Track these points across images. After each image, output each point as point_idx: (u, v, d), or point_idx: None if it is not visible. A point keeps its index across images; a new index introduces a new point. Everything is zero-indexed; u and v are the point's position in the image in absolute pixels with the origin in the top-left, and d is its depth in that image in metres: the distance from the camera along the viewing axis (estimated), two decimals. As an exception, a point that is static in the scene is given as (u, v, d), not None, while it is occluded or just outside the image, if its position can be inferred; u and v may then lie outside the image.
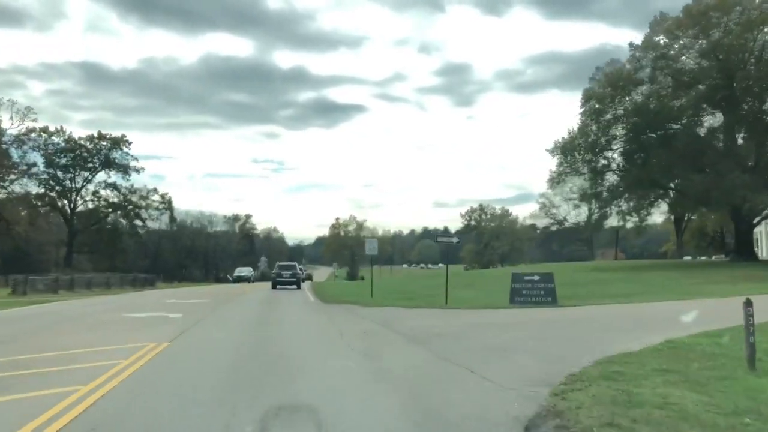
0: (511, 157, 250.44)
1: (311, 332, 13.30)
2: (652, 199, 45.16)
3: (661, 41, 46.63)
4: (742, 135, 44.51)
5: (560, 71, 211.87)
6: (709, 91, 44.12)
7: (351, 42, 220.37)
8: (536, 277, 20.08)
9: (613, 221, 54.90)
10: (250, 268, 67.16)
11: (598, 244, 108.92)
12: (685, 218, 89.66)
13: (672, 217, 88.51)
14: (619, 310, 17.50)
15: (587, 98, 47.17)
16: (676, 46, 46.78)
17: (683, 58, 46.86)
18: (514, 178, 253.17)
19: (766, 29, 43.22)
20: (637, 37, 67.99)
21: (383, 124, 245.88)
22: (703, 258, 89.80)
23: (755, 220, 47.58)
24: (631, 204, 46.48)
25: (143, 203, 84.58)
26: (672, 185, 44.24)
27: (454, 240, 20.99)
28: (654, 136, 45.40)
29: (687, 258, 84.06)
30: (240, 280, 61.01)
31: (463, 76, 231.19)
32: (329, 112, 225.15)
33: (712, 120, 45.94)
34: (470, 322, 14.67)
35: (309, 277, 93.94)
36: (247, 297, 30.15)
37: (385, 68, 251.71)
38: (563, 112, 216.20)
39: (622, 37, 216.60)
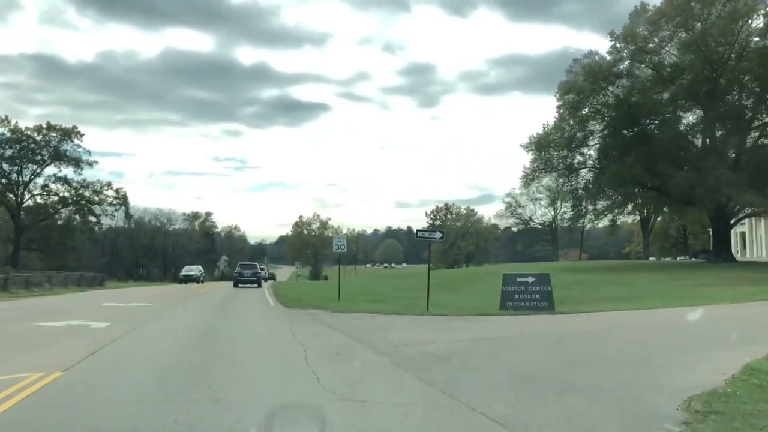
0: (474, 158, 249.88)
1: (267, 351, 10.26)
2: (631, 198, 43.09)
3: (642, 32, 44.74)
4: (722, 131, 42.80)
5: (523, 73, 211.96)
6: (691, 85, 42.37)
7: (315, 40, 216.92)
8: (530, 279, 17.43)
9: (586, 220, 53.11)
10: (200, 267, 59.46)
11: (561, 245, 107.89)
12: (652, 219, 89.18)
13: (638, 218, 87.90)
14: (631, 319, 15.00)
15: (566, 91, 45.00)
16: (656, 38, 44.96)
17: (664, 50, 45.05)
18: (476, 179, 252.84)
19: (750, 22, 41.68)
20: (598, 41, 66.10)
21: (347, 123, 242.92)
22: (667, 259, 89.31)
23: (732, 221, 46.13)
24: (610, 202, 44.45)
25: (96, 198, 80.00)
26: (650, 183, 42.23)
27: (437, 235, 17.98)
28: (634, 131, 43.50)
29: (652, 259, 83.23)
30: (188, 280, 52.96)
31: (427, 76, 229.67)
32: (293, 110, 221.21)
33: (693, 115, 44.24)
34: (467, 335, 11.90)
35: (272, 277, 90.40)
36: (201, 300, 26.92)
37: (349, 67, 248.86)
38: (526, 115, 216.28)
39: (584, 41, 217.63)
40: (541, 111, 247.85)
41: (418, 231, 18.14)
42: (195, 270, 56.97)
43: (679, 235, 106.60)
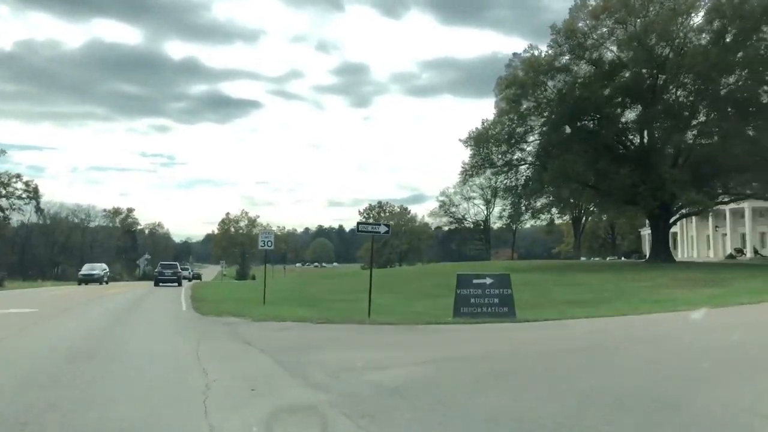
0: (406, 158, 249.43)
1: (152, 389, 7.17)
2: (573, 195, 41.70)
3: (583, 27, 43.53)
4: (663, 129, 41.96)
5: (454, 77, 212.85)
6: (631, 82, 41.36)
7: (247, 36, 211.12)
8: (488, 281, 14.96)
9: (525, 218, 51.69)
10: (104, 266, 52.66)
11: (492, 244, 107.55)
12: (584, 219, 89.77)
13: (569, 218, 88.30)
14: (615, 329, 12.71)
15: (506, 84, 43.29)
16: (595, 35, 43.87)
17: (603, 46, 43.98)
18: (408, 179, 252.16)
19: (689, 19, 41.01)
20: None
21: (279, 121, 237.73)
22: (597, 259, 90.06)
23: (671, 220, 45.57)
24: (551, 199, 42.96)
25: (3, 191, 73.59)
26: (593, 181, 40.95)
27: (381, 229, 15.26)
28: (576, 127, 42.20)
29: (582, 259, 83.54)
30: (88, 280, 45.83)
31: (361, 76, 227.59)
32: (223, 106, 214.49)
33: (634, 113, 43.27)
34: (426, 354, 9.22)
35: (198, 277, 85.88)
36: (101, 304, 23.23)
37: (281, 64, 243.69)
38: (456, 118, 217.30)
39: (514, 46, 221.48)
40: (471, 114, 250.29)
41: (359, 224, 15.32)
42: (98, 269, 50.08)
43: (607, 235, 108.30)
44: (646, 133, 42.40)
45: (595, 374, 7.30)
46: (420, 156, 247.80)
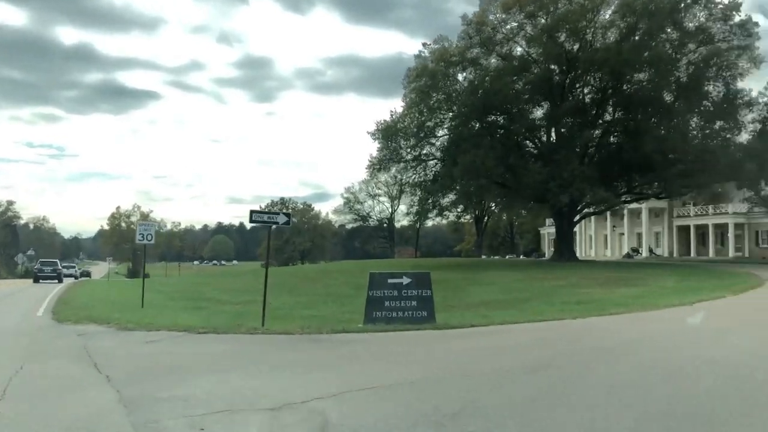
0: (309, 156, 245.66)
1: None
2: (484, 191, 40.62)
3: (493, 20, 42.57)
4: (570, 126, 41.70)
5: (358, 75, 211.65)
6: (541, 78, 40.78)
7: (145, 23, 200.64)
8: (405, 281, 12.81)
9: (433, 214, 50.38)
10: None
11: (395, 242, 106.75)
12: (486, 218, 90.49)
13: (472, 217, 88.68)
14: (558, 334, 10.90)
15: (416, 75, 41.63)
16: (504, 29, 43.08)
17: (513, 41, 43.22)
18: (311, 176, 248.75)
19: (598, 17, 40.87)
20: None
21: (178, 113, 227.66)
22: (497, 257, 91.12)
23: (576, 218, 45.58)
24: (461, 195, 41.67)
25: None
26: (503, 177, 40.01)
27: (281, 219, 12.76)
28: (487, 122, 41.20)
29: (483, 257, 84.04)
30: None
31: (264, 71, 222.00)
32: (118, 96, 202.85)
33: (544, 109, 42.78)
34: (338, 381, 6.86)
35: (86, 274, 79.69)
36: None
37: (181, 55, 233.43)
38: (360, 116, 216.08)
39: (418, 47, 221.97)
40: (376, 114, 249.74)
41: (253, 212, 12.69)
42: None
43: (506, 234, 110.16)
44: (555, 129, 41.98)
45: (571, 412, 5.22)
46: (324, 154, 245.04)
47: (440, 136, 44.35)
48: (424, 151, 44.52)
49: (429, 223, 70.52)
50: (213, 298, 24.35)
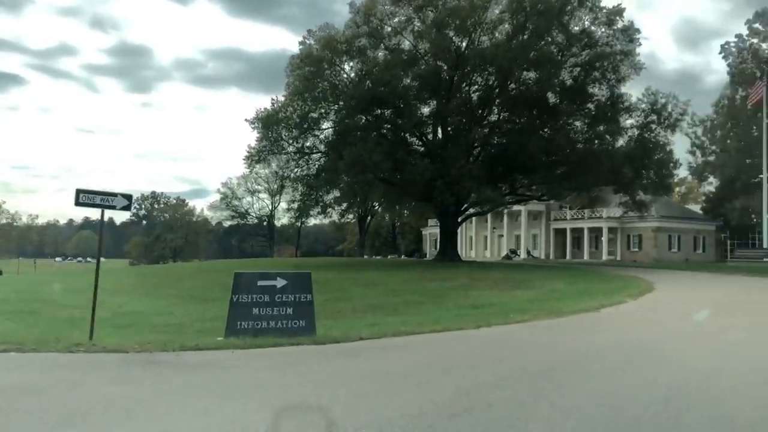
0: (188, 150, 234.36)
1: None
2: (370, 186, 38.63)
3: (382, 10, 40.83)
4: (457, 124, 40.71)
5: (241, 69, 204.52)
6: (428, 73, 39.39)
7: (7, 2, 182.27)
8: (280, 283, 10.33)
9: (315, 212, 47.81)
10: None
11: (275, 241, 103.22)
12: (369, 218, 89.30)
13: (355, 216, 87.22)
14: (470, 349, 8.88)
15: (300, 60, 39.03)
16: (392, 22, 41.51)
17: (402, 35, 41.67)
18: (189, 172, 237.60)
19: (485, 14, 40.14)
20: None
21: (43, 100, 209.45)
22: (378, 257, 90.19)
23: (461, 218, 44.80)
24: (345, 190, 39.44)
25: None
26: (390, 173, 38.27)
27: (117, 203, 9.86)
28: (374, 115, 39.29)
29: (365, 257, 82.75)
30: None
31: (141, 60, 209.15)
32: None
33: (432, 105, 41.47)
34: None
35: None
36: None
37: (49, 38, 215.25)
38: (242, 112, 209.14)
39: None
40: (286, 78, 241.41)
41: (80, 192, 9.76)
42: None
43: (388, 234, 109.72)
44: (443, 127, 40.81)
45: None
46: (204, 149, 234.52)
47: (325, 129, 42.00)
48: (308, 144, 41.98)
49: (311, 222, 67.86)
50: (52, 300, 20.58)
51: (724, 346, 9.44)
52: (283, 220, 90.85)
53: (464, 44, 39.81)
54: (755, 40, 53.92)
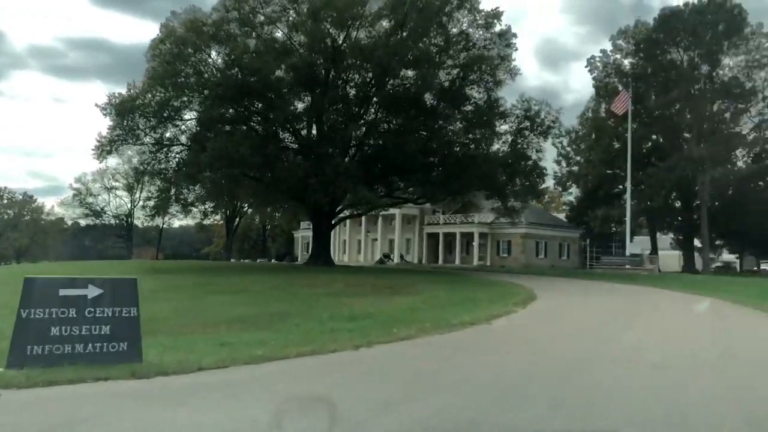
0: (43, 144, 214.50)
1: None
2: (236, 182, 35.49)
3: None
4: (333, 121, 38.59)
5: (106, 61, 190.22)
6: (303, 67, 36.90)
7: None
8: (93, 293, 7.56)
9: (174, 210, 43.86)
10: None
11: (135, 243, 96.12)
12: (237, 219, 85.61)
13: (222, 218, 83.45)
14: (361, 386, 6.64)
15: (163, 39, 35.25)
16: (267, 9, 38.75)
17: (274, 25, 38.97)
18: (44, 167, 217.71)
19: (365, 8, 38.34)
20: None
21: None
22: (247, 261, 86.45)
23: (335, 220, 42.68)
24: (208, 187, 36.02)
25: None
26: (259, 169, 35.39)
27: None
28: (244, 105, 36.25)
29: (232, 260, 78.89)
30: None
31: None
32: None
33: (306, 99, 38.97)
34: None
35: None
36: None
37: None
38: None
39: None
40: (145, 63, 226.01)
41: None
42: None
43: (258, 237, 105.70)
44: (318, 123, 38.46)
45: None
46: (63, 144, 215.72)
47: (188, 120, 38.39)
48: (168, 135, 38.15)
49: (176, 223, 63.02)
50: None
51: (654, 371, 7.91)
52: (141, 218, 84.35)
53: (342, 38, 37.80)
54: (618, 56, 56.32)
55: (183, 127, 38.12)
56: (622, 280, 30.53)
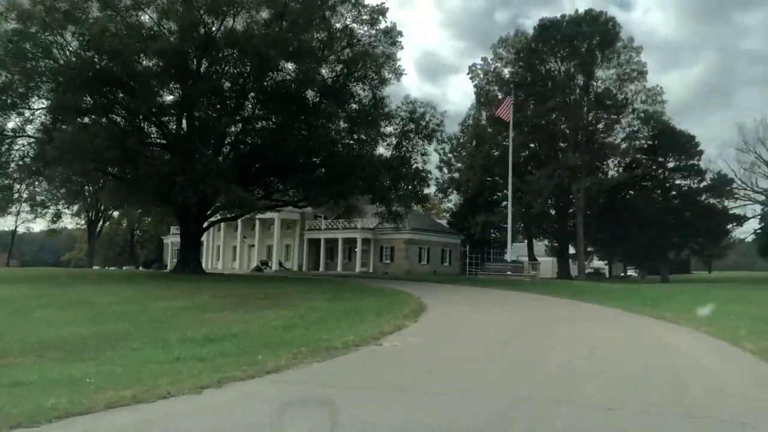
0: None
1: None
2: (90, 180, 31.34)
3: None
4: (206, 114, 35.32)
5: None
6: (171, 55, 33.36)
7: None
8: None
9: (20, 208, 38.64)
10: None
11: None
12: (100, 223, 79.22)
13: (84, 223, 77.05)
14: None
15: (3, 13, 30.55)
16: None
17: (142, 9, 35.08)
18: None
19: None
20: None
21: None
22: (113, 268, 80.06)
23: (205, 223, 39.28)
24: (57, 185, 31.64)
25: None
26: (119, 166, 31.49)
27: None
28: (101, 93, 32.17)
29: (96, 268, 72.49)
30: None
31: None
32: None
33: (175, 90, 35.39)
34: None
35: None
36: None
37: None
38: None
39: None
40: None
41: None
42: None
43: (126, 243, 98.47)
44: (188, 117, 35.00)
45: None
46: None
47: (37, 109, 33.68)
48: (10, 125, 33.27)
49: (37, 228, 56.33)
50: None
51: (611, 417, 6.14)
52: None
53: (216, 26, 34.64)
54: (499, 64, 56.87)
55: (30, 116, 33.40)
56: (507, 287, 29.75)
